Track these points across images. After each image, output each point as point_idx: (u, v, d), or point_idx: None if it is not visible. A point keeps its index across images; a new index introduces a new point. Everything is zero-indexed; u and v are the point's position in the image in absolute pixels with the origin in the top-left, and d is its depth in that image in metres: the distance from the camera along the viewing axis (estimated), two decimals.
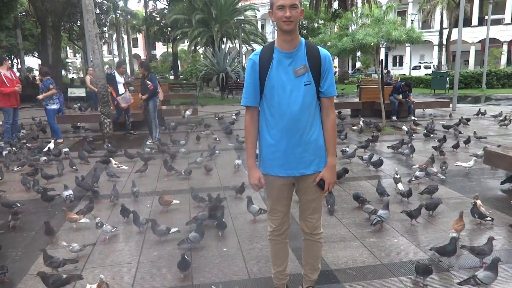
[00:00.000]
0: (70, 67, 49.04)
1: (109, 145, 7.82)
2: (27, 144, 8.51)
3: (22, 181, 5.64)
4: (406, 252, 3.55)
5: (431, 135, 8.77)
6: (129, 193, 5.31)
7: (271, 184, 2.54)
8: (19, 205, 4.63)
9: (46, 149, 7.74)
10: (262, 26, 52.22)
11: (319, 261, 2.77)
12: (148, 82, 8.46)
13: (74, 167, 6.50)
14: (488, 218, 4.06)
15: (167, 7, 33.25)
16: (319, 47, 2.40)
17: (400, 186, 5.18)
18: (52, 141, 8.51)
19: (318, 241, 2.67)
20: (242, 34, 25.69)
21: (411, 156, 6.99)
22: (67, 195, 4.90)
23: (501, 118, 10.46)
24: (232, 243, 3.81)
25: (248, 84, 2.41)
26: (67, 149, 7.72)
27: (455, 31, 19.52)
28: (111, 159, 6.66)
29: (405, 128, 9.41)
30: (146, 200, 5.11)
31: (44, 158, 7.17)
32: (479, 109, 11.83)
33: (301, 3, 2.29)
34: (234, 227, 4.18)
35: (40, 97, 8.78)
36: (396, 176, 5.29)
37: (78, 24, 27.05)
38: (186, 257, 3.18)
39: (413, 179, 5.45)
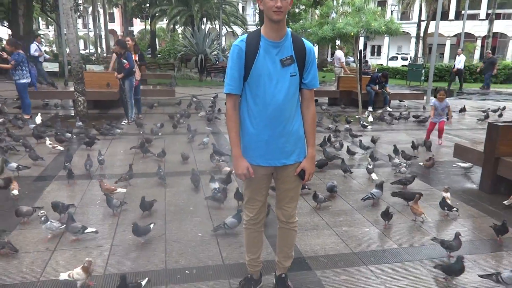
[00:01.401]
0: (43, 40, 47.19)
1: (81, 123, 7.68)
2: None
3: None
4: (375, 242, 3.66)
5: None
6: (97, 174, 5.25)
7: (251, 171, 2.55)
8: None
9: (37, 121, 7.82)
10: (243, 8, 51.57)
11: (293, 249, 2.82)
12: (124, 61, 8.26)
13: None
14: (454, 209, 4.24)
15: None
16: (303, 38, 2.42)
17: (374, 176, 5.32)
18: (39, 113, 8.40)
19: (293, 229, 2.71)
20: (223, 15, 25.31)
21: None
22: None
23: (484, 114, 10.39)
24: (206, 228, 3.82)
25: (233, 71, 2.33)
26: (34, 125, 7.52)
27: (432, 24, 19.83)
28: (46, 138, 6.41)
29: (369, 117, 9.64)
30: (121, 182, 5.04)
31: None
32: (464, 105, 11.79)
33: None
34: (209, 212, 4.20)
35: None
36: (369, 166, 5.43)
37: None
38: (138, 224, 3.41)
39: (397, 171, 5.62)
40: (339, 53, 13.83)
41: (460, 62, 18.07)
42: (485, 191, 5.02)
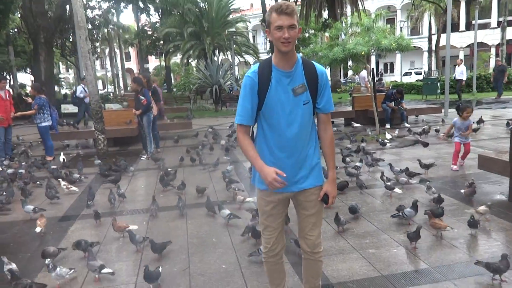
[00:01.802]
0: (63, 83, 48.97)
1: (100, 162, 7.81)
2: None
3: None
4: (405, 262, 3.54)
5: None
6: (120, 210, 5.30)
7: (266, 200, 2.50)
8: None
9: (61, 161, 8.18)
10: (254, 37, 52.59)
11: (319, 278, 2.73)
12: (142, 97, 8.45)
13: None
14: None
15: (159, 20, 33.41)
16: (314, 62, 2.39)
17: (397, 190, 5.24)
18: (62, 153, 8.70)
19: (318, 259, 2.61)
20: (234, 46, 25.83)
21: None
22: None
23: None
24: (230, 259, 3.78)
25: (245, 102, 2.33)
26: (55, 166, 7.68)
27: (443, 36, 19.75)
28: (59, 179, 6.47)
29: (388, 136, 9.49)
30: (142, 217, 5.06)
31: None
32: (481, 116, 11.02)
33: (298, 21, 2.25)
34: (232, 242, 4.15)
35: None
36: (388, 183, 5.35)
37: (71, 40, 27.09)
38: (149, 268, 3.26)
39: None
40: (364, 73, 13.90)
41: (462, 72, 17.66)
42: None
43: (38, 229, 4.49)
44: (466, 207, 4.80)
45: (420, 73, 36.13)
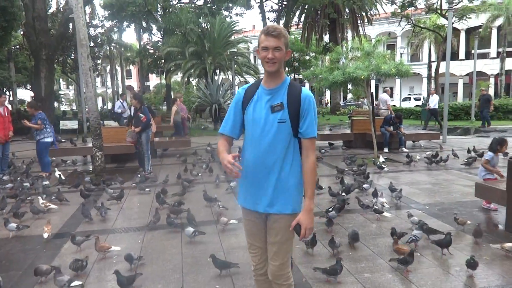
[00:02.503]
0: (63, 99, 49.18)
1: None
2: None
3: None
4: None
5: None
6: (116, 228, 5.26)
7: (245, 218, 2.55)
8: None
9: (57, 176, 8.17)
10: (255, 58, 53.12)
11: None
12: (141, 115, 8.49)
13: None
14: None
15: (161, 40, 33.81)
16: (303, 88, 2.40)
17: (387, 214, 5.26)
18: (57, 169, 8.71)
19: None
20: (235, 66, 26.04)
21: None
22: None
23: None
24: (225, 279, 3.73)
25: (229, 114, 2.51)
26: (47, 182, 7.64)
27: (443, 64, 20.01)
28: (39, 197, 6.25)
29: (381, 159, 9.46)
30: (137, 235, 5.02)
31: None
32: (473, 147, 10.77)
33: (287, 45, 2.34)
34: None
35: (27, 123, 8.76)
36: (376, 206, 5.38)
37: (72, 57, 27.35)
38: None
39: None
40: (385, 96, 14.16)
41: (433, 101, 17.52)
42: None
43: (45, 235, 4.71)
44: (463, 235, 4.77)
45: (419, 99, 36.42)
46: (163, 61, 33.76)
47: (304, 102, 2.35)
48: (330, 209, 5.28)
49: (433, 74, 34.01)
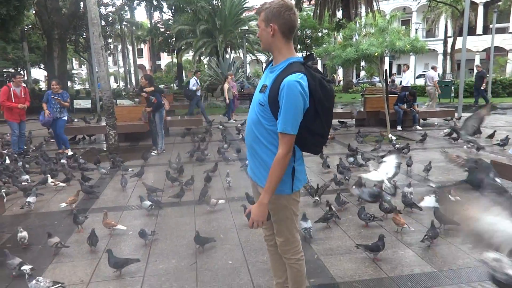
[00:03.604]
0: (76, 78, 49.52)
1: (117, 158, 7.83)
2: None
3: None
4: (412, 265, 3.53)
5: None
6: (131, 204, 5.35)
7: (252, 187, 2.59)
8: None
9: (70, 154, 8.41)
10: None
11: (296, 286, 2.57)
12: (152, 97, 8.51)
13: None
14: None
15: (172, 18, 33.56)
16: (292, 75, 2.11)
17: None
18: (69, 148, 8.89)
19: (290, 265, 2.52)
20: (246, 44, 25.82)
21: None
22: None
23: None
24: (237, 255, 3.80)
25: None
26: (64, 160, 7.78)
27: (459, 39, 19.56)
28: (48, 176, 6.26)
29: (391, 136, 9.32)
30: (151, 211, 5.11)
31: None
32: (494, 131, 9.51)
33: (269, 19, 2.18)
34: (239, 238, 4.17)
35: (61, 102, 8.75)
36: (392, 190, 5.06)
37: (84, 36, 27.40)
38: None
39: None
40: (432, 73, 14.25)
41: (405, 79, 16.12)
42: None
43: (62, 205, 5.12)
44: None
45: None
46: (174, 39, 33.63)
47: (281, 90, 2.11)
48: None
49: (449, 50, 33.26)
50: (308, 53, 2.26)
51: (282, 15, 2.17)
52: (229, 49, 29.71)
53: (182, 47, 31.18)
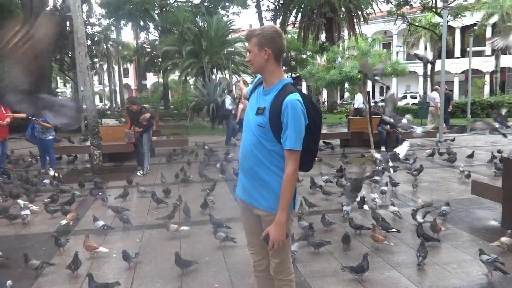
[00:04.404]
0: (60, 97, 49.00)
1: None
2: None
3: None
4: (397, 286, 3.53)
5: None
6: (115, 226, 5.27)
7: (240, 210, 2.62)
8: None
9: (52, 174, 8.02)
10: None
11: None
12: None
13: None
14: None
15: (158, 38, 33.76)
16: (292, 94, 2.23)
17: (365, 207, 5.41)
18: (51, 168, 8.56)
19: (282, 287, 2.51)
20: (232, 65, 26.04)
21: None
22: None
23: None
24: (223, 278, 3.75)
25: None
26: (47, 181, 7.64)
27: (438, 62, 20.07)
28: (19, 199, 6.02)
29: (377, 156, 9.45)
30: (135, 234, 5.03)
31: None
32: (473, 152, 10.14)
33: (262, 44, 2.28)
34: (225, 261, 4.13)
35: (41, 123, 8.55)
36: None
37: (70, 55, 27.28)
38: None
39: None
40: (434, 94, 14.62)
41: (358, 101, 15.94)
42: (508, 228, 4.85)
43: (63, 222, 5.13)
44: (460, 233, 4.81)
45: (416, 97, 36.53)
46: (160, 59, 33.73)
47: (284, 110, 2.21)
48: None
49: (429, 72, 34.14)
50: (294, 74, 2.34)
51: (275, 40, 2.30)
52: (215, 70, 29.87)
53: (168, 67, 31.24)
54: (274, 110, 2.24)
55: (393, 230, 4.63)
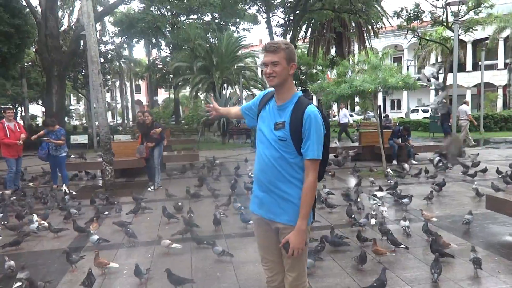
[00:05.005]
0: (73, 114, 49.82)
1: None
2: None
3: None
4: None
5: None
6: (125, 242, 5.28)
7: (255, 225, 2.60)
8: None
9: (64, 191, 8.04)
10: (262, 72, 53.45)
11: None
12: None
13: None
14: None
15: (169, 55, 34.24)
16: (310, 105, 2.34)
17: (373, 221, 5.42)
18: (65, 185, 8.65)
19: None
20: (243, 80, 26.23)
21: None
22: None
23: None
24: None
25: (250, 103, 2.69)
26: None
27: (450, 75, 19.99)
28: (34, 215, 6.05)
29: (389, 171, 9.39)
30: (146, 250, 5.04)
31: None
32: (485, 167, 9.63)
33: (290, 58, 2.35)
34: (236, 277, 4.11)
35: (51, 140, 8.84)
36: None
37: (83, 73, 27.80)
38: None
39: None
40: (464, 107, 15.04)
41: (345, 115, 16.73)
42: None
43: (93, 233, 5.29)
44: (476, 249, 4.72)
45: (427, 111, 36.29)
46: (171, 76, 34.15)
47: (305, 121, 2.30)
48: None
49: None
50: (303, 88, 2.38)
51: (296, 56, 2.44)
52: (225, 85, 30.14)
53: (180, 83, 31.61)
54: (294, 123, 2.31)
55: (402, 246, 4.58)
